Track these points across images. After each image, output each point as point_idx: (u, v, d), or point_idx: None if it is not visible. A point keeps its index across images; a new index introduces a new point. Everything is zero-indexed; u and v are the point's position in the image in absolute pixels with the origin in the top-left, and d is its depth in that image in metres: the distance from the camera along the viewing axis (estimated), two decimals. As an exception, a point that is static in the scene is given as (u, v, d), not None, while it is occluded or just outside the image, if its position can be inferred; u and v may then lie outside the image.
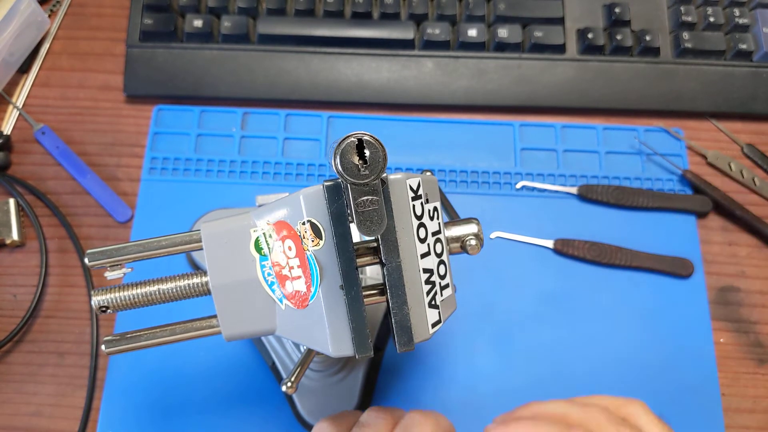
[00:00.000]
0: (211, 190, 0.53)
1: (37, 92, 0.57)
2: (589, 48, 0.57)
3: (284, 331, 0.29)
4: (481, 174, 0.54)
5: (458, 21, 0.57)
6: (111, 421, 0.46)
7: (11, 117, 0.55)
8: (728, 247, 0.53)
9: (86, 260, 0.29)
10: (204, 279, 0.30)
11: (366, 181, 0.25)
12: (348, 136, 0.25)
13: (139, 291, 0.30)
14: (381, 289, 0.30)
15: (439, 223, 0.31)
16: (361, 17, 0.57)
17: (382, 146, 0.25)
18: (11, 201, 0.51)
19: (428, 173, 0.32)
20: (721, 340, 0.50)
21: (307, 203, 0.28)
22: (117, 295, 0.30)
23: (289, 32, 0.56)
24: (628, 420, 0.31)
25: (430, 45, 0.56)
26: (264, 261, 0.29)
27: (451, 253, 0.32)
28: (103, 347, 0.30)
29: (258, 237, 0.29)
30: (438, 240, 0.30)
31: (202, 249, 0.29)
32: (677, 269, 0.51)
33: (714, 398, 0.48)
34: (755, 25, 0.57)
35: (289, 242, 0.28)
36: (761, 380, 0.49)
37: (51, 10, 0.59)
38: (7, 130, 0.55)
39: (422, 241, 0.29)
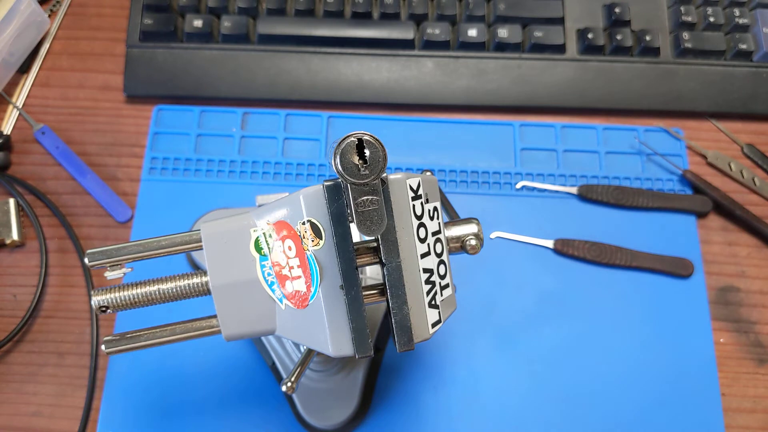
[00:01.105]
0: (211, 190, 0.53)
1: (37, 92, 0.57)
2: (589, 48, 0.57)
3: (284, 331, 0.29)
4: (481, 174, 0.54)
5: (458, 21, 0.57)
6: (111, 421, 0.46)
7: (11, 117, 0.55)
8: (728, 247, 0.53)
9: (86, 260, 0.29)
10: (204, 279, 0.30)
11: (366, 180, 0.25)
12: (348, 136, 0.25)
13: (139, 291, 0.30)
14: (381, 289, 0.30)
15: (439, 223, 0.31)
16: (361, 17, 0.57)
17: (382, 146, 0.25)
18: (11, 201, 0.51)
19: (428, 173, 0.32)
20: (721, 340, 0.50)
21: (307, 203, 0.28)
22: (117, 295, 0.30)
23: (289, 32, 0.56)
24: None
25: (430, 45, 0.56)
26: (264, 261, 0.29)
27: (451, 253, 0.32)
28: (103, 347, 0.30)
29: (258, 237, 0.29)
30: (438, 240, 0.30)
31: (202, 249, 0.29)
32: (677, 269, 0.51)
33: (714, 398, 0.48)
34: (755, 25, 0.57)
35: (289, 242, 0.28)
36: (761, 380, 0.49)
37: (51, 10, 0.59)
38: (7, 130, 0.55)
39: (422, 240, 0.29)
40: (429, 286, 0.30)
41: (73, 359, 0.48)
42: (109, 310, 0.30)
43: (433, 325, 0.30)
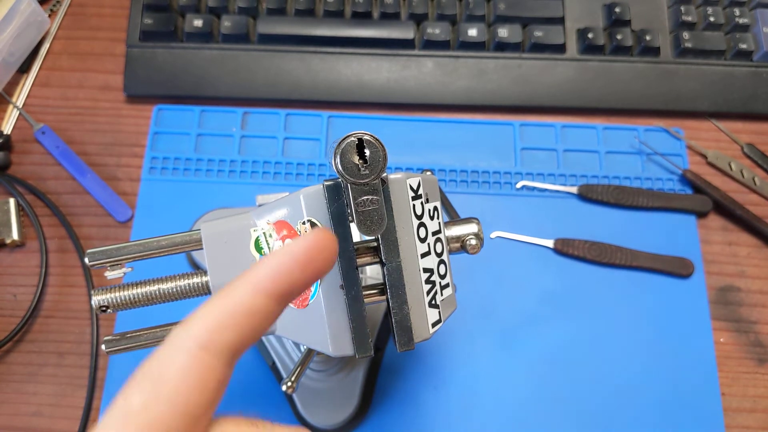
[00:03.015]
0: (211, 190, 0.53)
1: (37, 92, 0.57)
2: (589, 48, 0.57)
3: (284, 331, 0.29)
4: (481, 174, 0.54)
5: (458, 21, 0.57)
6: (111, 421, 0.46)
7: (11, 117, 0.55)
8: (728, 246, 0.53)
9: (86, 260, 0.29)
10: (204, 279, 0.30)
11: (366, 180, 0.25)
12: (348, 136, 0.25)
13: (139, 291, 0.30)
14: (381, 288, 0.30)
15: (439, 223, 0.31)
16: (361, 17, 0.57)
17: (382, 146, 0.25)
18: (11, 201, 0.51)
19: (428, 173, 0.32)
20: (721, 340, 0.50)
21: (307, 203, 0.28)
22: (117, 294, 0.30)
23: (289, 32, 0.56)
24: None
25: (430, 45, 0.56)
26: (264, 261, 0.29)
27: (451, 252, 0.32)
28: (103, 347, 0.30)
29: (258, 236, 0.29)
30: (438, 239, 0.30)
31: (202, 249, 0.29)
32: (677, 269, 0.51)
33: (714, 398, 0.48)
34: (755, 24, 0.57)
35: (289, 242, 0.28)
36: (761, 380, 0.49)
37: (51, 10, 0.59)
38: (7, 129, 0.55)
39: (422, 240, 0.29)
40: (429, 285, 0.30)
41: (73, 359, 0.48)
42: (109, 310, 0.30)
43: (434, 324, 0.30)
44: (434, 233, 0.30)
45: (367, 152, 0.25)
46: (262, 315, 0.22)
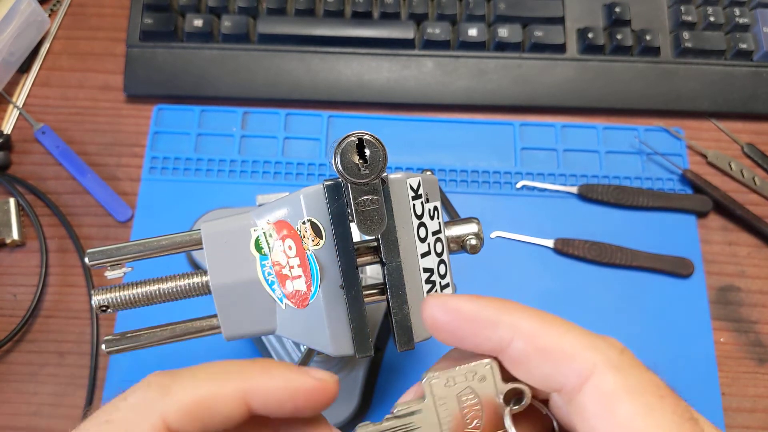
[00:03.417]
0: (211, 190, 0.53)
1: (37, 92, 0.57)
2: (589, 48, 0.57)
3: (284, 331, 0.29)
4: (481, 173, 0.54)
5: (458, 20, 0.57)
6: (111, 421, 0.46)
7: (11, 117, 0.55)
8: (728, 246, 0.53)
9: (86, 260, 0.29)
10: (204, 278, 0.30)
11: (366, 180, 0.25)
12: (348, 136, 0.25)
13: (139, 290, 0.30)
14: (381, 288, 0.30)
15: (439, 223, 0.31)
16: (361, 17, 0.57)
17: (382, 145, 0.25)
18: (11, 200, 0.51)
19: (428, 173, 0.32)
20: (721, 339, 0.50)
21: (307, 203, 0.28)
22: (117, 294, 0.29)
23: (289, 32, 0.56)
24: None
25: (431, 45, 0.56)
26: (264, 260, 0.29)
27: (451, 252, 0.32)
28: (103, 347, 0.30)
29: (258, 236, 0.29)
30: (438, 239, 0.30)
31: (202, 249, 0.29)
32: (677, 269, 0.51)
33: (714, 398, 0.48)
34: (755, 24, 0.57)
35: (289, 242, 0.28)
36: (761, 380, 0.49)
37: (51, 10, 0.59)
38: (8, 129, 0.55)
39: (422, 240, 0.29)
40: (429, 285, 0.30)
41: (73, 359, 0.48)
42: (109, 310, 0.30)
43: (434, 324, 0.30)
44: (434, 233, 0.30)
45: (367, 152, 0.25)
46: (236, 419, 0.22)
